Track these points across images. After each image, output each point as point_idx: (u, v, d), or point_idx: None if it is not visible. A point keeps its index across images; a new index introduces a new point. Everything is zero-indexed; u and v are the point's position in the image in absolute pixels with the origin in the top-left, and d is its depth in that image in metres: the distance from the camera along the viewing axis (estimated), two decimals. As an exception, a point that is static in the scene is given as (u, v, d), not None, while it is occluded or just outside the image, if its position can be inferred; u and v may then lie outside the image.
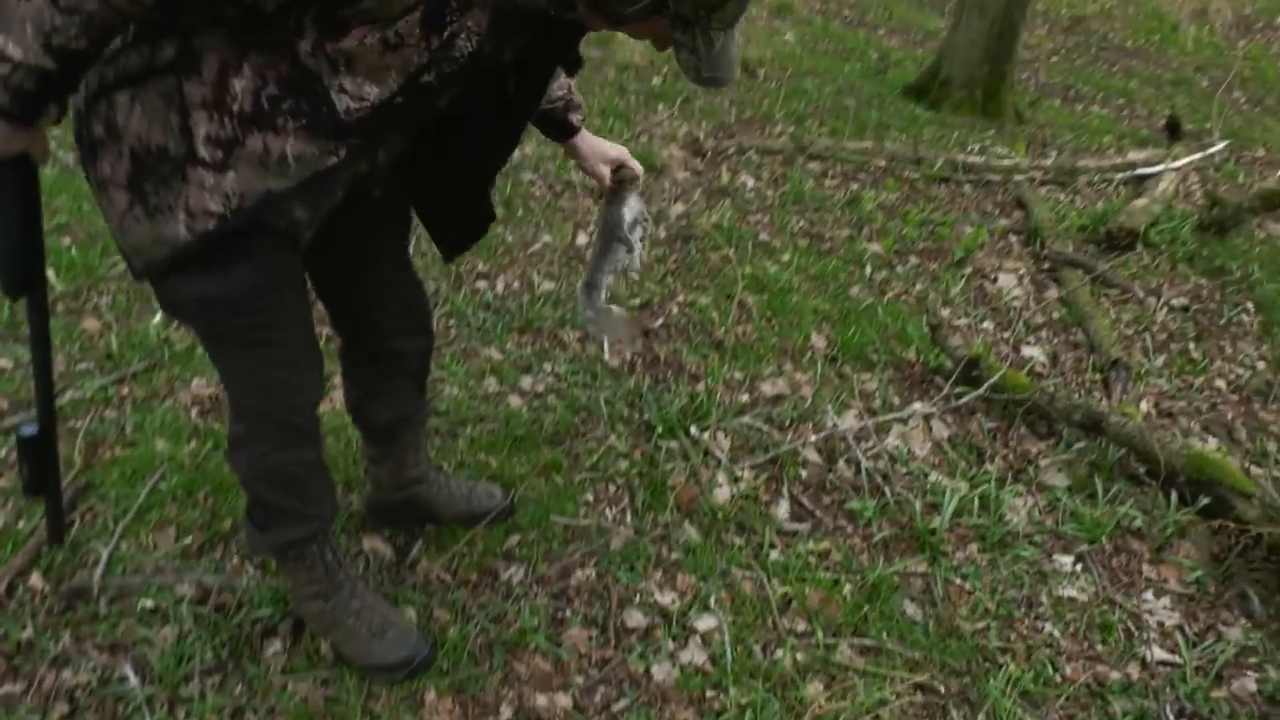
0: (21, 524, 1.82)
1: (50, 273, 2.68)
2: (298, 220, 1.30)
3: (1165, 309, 3.09)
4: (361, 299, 1.58)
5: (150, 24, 1.20)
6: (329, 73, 1.17)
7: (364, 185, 1.36)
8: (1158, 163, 4.11)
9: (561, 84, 1.56)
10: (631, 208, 1.69)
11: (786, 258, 3.16)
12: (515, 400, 2.33)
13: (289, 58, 1.17)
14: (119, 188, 1.25)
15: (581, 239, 3.15)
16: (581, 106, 1.63)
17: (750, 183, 3.66)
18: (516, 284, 2.88)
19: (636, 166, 1.71)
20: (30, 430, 1.38)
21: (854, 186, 3.73)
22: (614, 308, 1.82)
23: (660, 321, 2.74)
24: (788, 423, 2.34)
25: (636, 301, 2.81)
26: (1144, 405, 2.59)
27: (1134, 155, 4.24)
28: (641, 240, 1.73)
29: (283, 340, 1.38)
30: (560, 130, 1.63)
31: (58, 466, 1.45)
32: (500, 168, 1.51)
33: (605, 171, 1.68)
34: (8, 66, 1.10)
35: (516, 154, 3.57)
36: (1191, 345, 2.92)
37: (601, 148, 1.69)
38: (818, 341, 2.72)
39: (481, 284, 2.86)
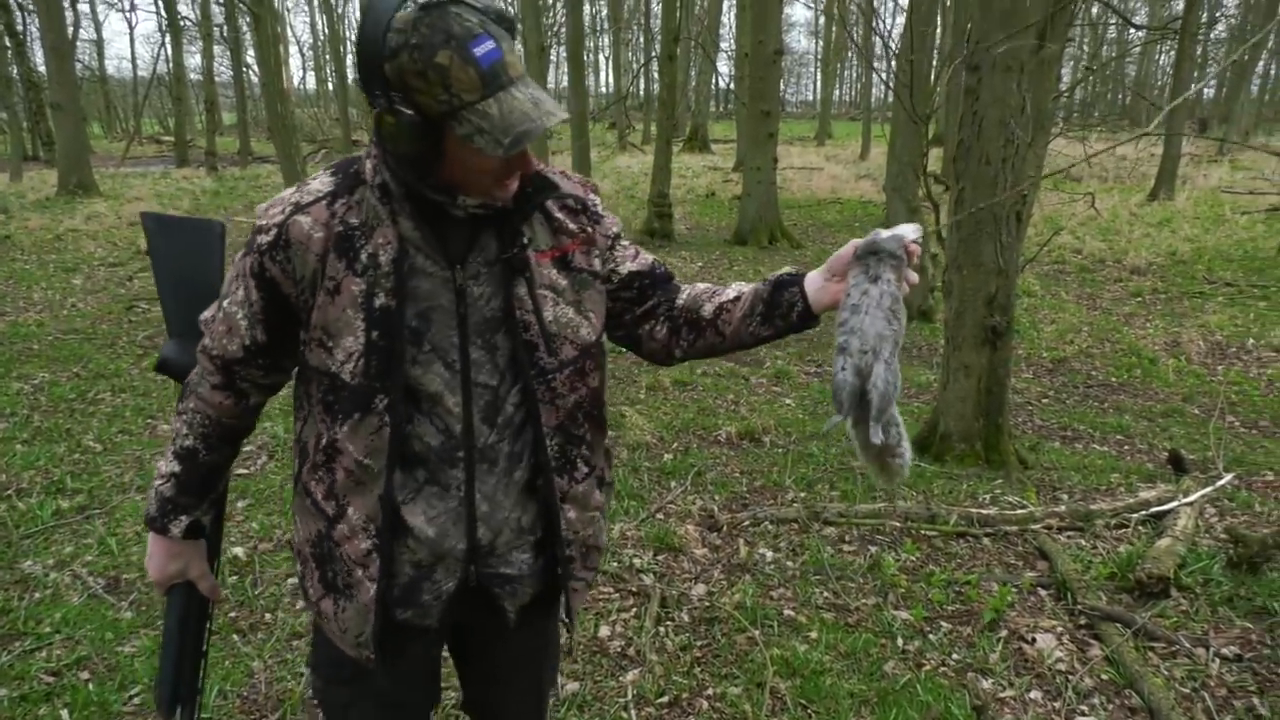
0: None
1: (64, 713, 2.63)
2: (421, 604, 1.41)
3: (1218, 660, 2.95)
4: None
5: (241, 421, 1.48)
6: (326, 356, 1.31)
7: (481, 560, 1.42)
8: (1170, 499, 4.14)
9: (696, 296, 1.52)
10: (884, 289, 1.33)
11: (814, 634, 3.08)
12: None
13: (313, 377, 1.35)
14: (323, 597, 1.43)
15: (604, 630, 3.11)
16: (763, 281, 1.49)
17: (769, 555, 3.67)
18: (539, 687, 2.78)
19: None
20: None
21: (873, 550, 3.73)
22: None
23: (690, 721, 2.61)
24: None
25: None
26: (1223, 780, 2.38)
27: (1145, 494, 4.28)
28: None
29: None
30: (777, 299, 1.45)
31: None
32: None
33: (841, 285, 1.42)
34: (159, 479, 1.46)
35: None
36: (1256, 700, 2.75)
37: (828, 273, 1.44)
38: (858, 730, 2.57)
39: (503, 690, 2.77)
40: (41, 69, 21.71)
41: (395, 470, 1.33)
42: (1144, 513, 4.09)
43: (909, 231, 1.37)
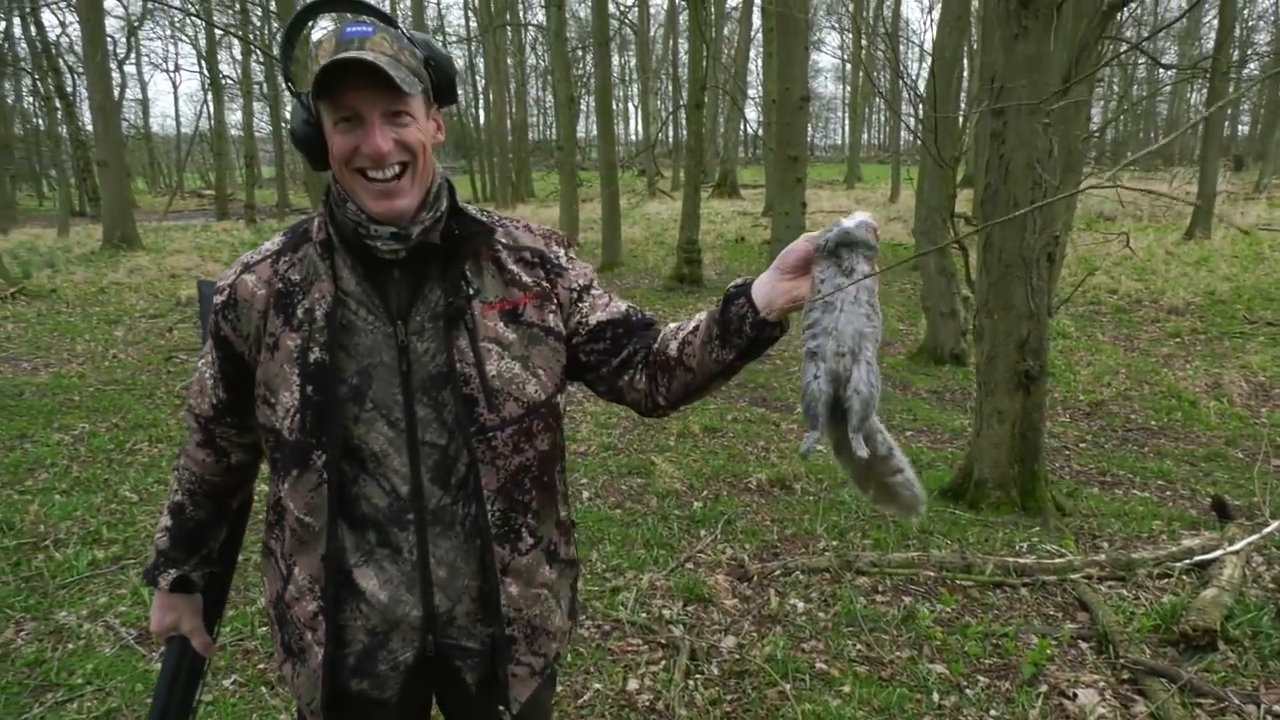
0: None
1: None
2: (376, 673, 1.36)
3: (1269, 717, 2.84)
4: None
5: (234, 482, 1.53)
6: (270, 412, 1.32)
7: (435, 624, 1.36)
8: (1215, 547, 4.03)
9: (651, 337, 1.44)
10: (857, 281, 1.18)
11: (847, 689, 3.02)
12: None
13: (264, 435, 1.36)
14: (284, 661, 1.42)
15: (632, 683, 3.06)
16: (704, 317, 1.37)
17: (800, 606, 3.61)
18: (567, 743, 2.75)
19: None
20: None
21: (907, 600, 3.66)
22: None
23: (720, 779, 2.55)
24: None
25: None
26: (1279, 846, 2.28)
27: (1189, 541, 4.17)
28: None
29: None
30: (727, 316, 1.31)
31: None
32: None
33: (800, 283, 1.28)
34: (158, 532, 1.51)
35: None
36: (1312, 761, 2.64)
37: (778, 272, 1.30)
38: (894, 790, 2.50)
39: (530, 746, 2.73)
40: (89, 128, 22.46)
41: (340, 530, 1.30)
42: (1188, 561, 3.97)
43: (868, 219, 1.23)
